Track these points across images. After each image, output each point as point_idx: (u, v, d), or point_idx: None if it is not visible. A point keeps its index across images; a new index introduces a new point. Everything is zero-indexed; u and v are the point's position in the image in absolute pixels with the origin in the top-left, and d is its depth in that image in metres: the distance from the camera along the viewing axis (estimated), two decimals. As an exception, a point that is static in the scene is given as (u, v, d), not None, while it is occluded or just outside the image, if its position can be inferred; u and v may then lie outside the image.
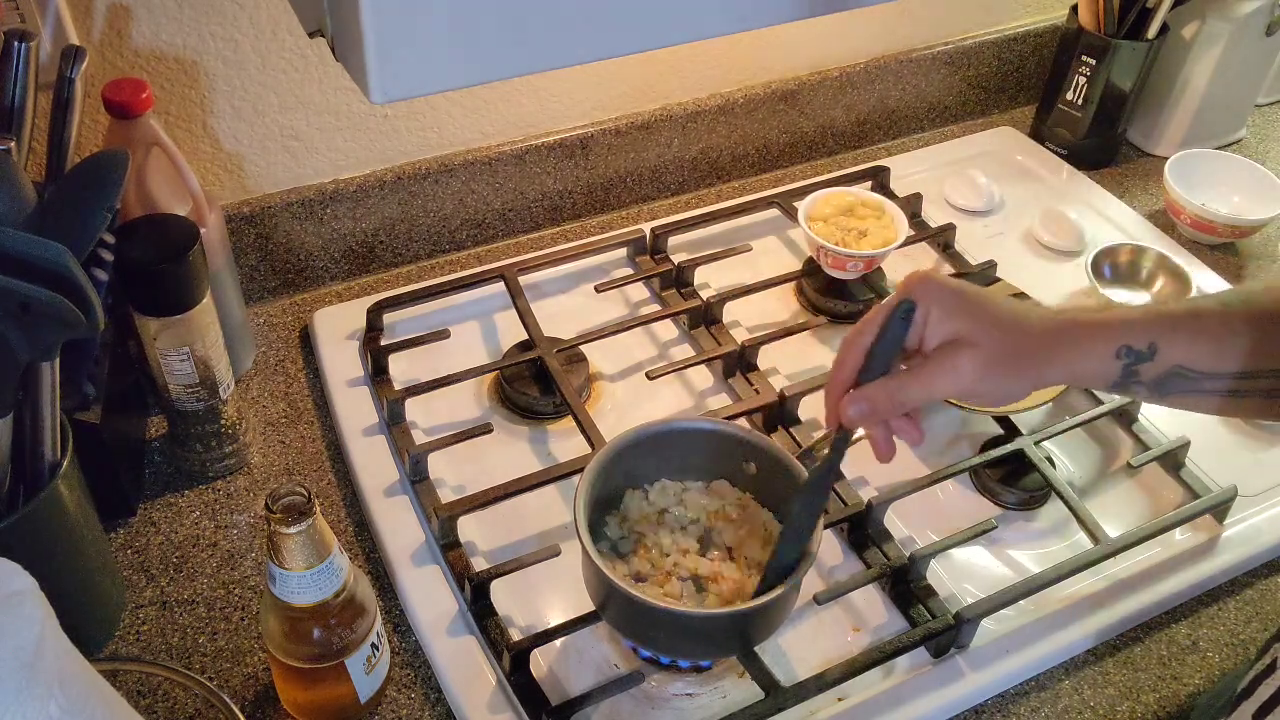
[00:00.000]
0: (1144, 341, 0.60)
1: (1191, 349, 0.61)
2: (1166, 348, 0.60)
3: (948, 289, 0.61)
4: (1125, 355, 0.61)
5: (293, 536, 0.60)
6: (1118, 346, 0.61)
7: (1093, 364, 0.61)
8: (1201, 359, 0.61)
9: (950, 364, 0.60)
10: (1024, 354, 0.61)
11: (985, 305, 0.61)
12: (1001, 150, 1.24)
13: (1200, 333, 0.61)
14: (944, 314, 0.61)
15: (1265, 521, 0.84)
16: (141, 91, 0.75)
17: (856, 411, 0.62)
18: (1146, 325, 0.61)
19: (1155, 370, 0.61)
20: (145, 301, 0.75)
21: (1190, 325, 0.61)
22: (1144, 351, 0.60)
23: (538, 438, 0.89)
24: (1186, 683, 0.76)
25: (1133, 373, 0.61)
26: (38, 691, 0.44)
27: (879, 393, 0.61)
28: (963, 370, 0.60)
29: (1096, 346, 0.61)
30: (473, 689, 0.71)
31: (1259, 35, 1.19)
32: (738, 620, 0.67)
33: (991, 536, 0.81)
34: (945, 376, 0.60)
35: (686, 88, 1.12)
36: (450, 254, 1.08)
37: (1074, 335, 0.62)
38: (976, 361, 0.60)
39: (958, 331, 0.60)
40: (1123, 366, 0.61)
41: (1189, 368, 0.61)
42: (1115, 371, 0.61)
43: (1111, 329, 0.61)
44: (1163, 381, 0.61)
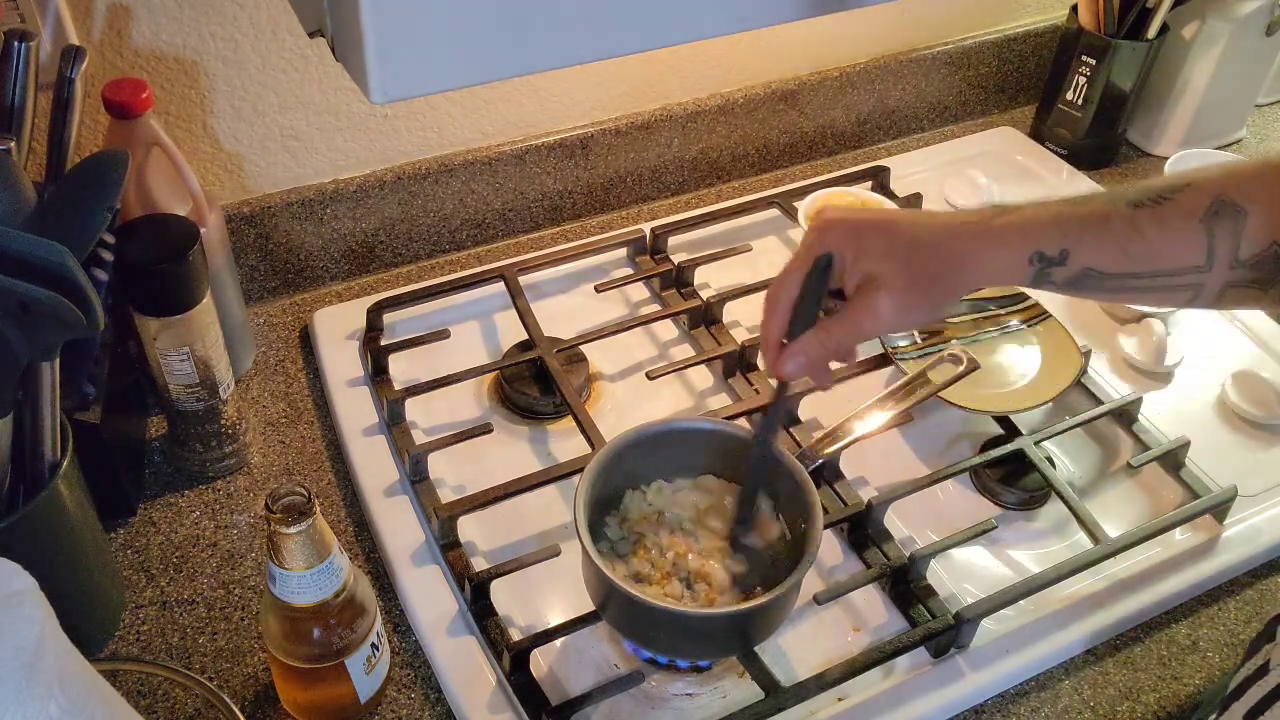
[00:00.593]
0: (1055, 248, 0.62)
1: (1100, 252, 0.62)
2: (1076, 252, 0.62)
3: (856, 229, 0.64)
4: (1037, 261, 0.62)
5: (293, 536, 0.60)
6: (1030, 252, 0.62)
7: (1005, 269, 0.63)
8: (1110, 261, 0.62)
9: (868, 307, 0.63)
10: (937, 275, 0.63)
11: (892, 236, 0.63)
12: (1001, 150, 1.24)
13: (1109, 236, 0.62)
14: (856, 256, 0.63)
15: (1265, 521, 0.84)
16: (141, 91, 0.75)
17: (794, 366, 0.65)
18: (1057, 230, 0.62)
19: (1066, 273, 0.62)
20: (145, 301, 0.75)
21: (1100, 229, 0.62)
22: (1054, 257, 0.62)
23: (538, 438, 0.89)
24: (1186, 683, 0.76)
25: (1045, 274, 0.63)
26: (38, 691, 0.44)
27: (810, 344, 0.65)
28: (881, 310, 0.63)
29: (1008, 252, 0.63)
30: (473, 689, 0.71)
31: (1259, 35, 1.19)
32: (738, 620, 0.67)
33: (991, 536, 0.81)
34: (867, 318, 0.63)
35: (686, 88, 1.12)
36: (450, 254, 1.08)
37: (984, 244, 0.63)
38: (893, 297, 0.63)
39: (869, 269, 0.63)
40: (1035, 270, 0.63)
41: (1096, 269, 0.62)
42: (1028, 275, 0.63)
43: (1023, 234, 0.63)
44: (1074, 281, 0.63)
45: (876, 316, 0.63)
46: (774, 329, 0.66)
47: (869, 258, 0.63)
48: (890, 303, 0.63)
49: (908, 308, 0.63)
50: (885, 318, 0.63)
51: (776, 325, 0.66)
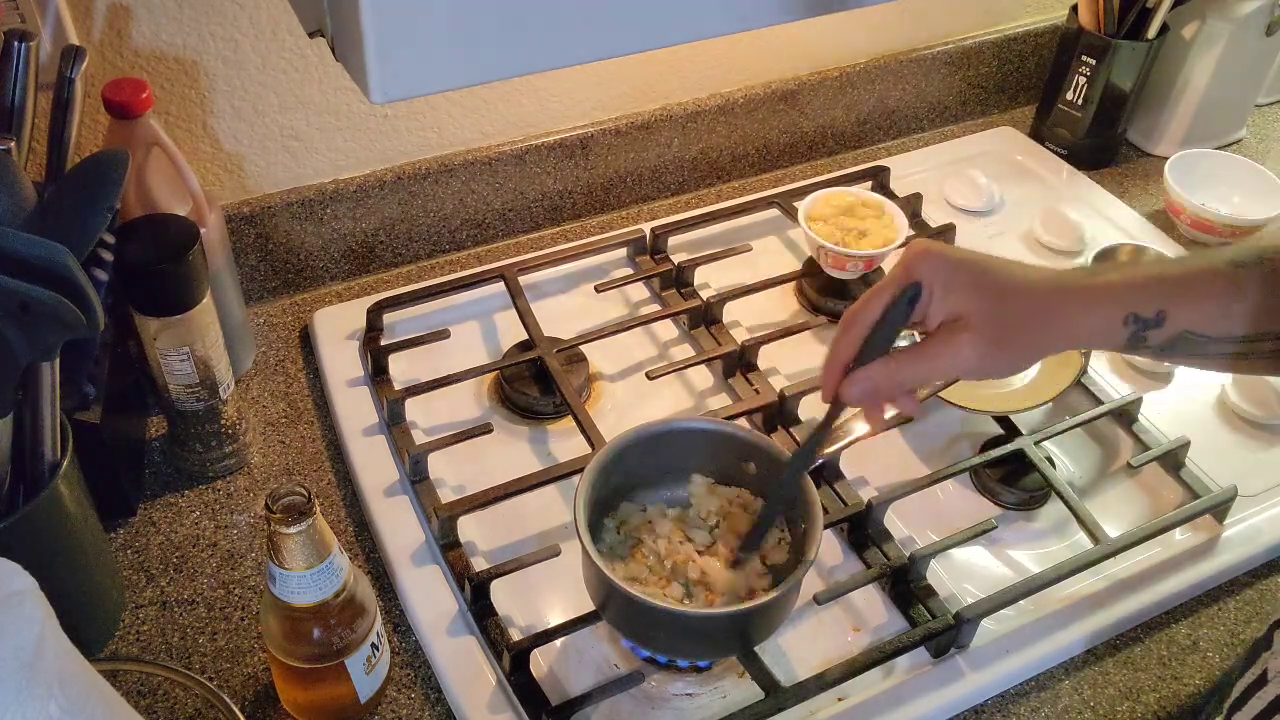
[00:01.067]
0: (1151, 309, 0.59)
1: (1200, 313, 0.59)
2: (1174, 313, 0.59)
3: (949, 263, 0.60)
4: (1132, 323, 0.59)
5: (293, 536, 0.60)
6: (1125, 314, 0.59)
7: (1098, 332, 0.60)
8: (1210, 323, 0.59)
9: (951, 346, 0.60)
10: (1025, 328, 0.60)
11: (986, 278, 0.60)
12: (1001, 150, 1.24)
13: (1209, 296, 0.59)
14: (945, 291, 0.60)
15: (1265, 521, 0.84)
16: (141, 91, 0.75)
17: (860, 391, 0.61)
18: (1154, 291, 0.59)
19: (1163, 335, 0.60)
20: (145, 301, 0.75)
21: (1199, 288, 0.59)
22: (1151, 319, 0.59)
23: (538, 438, 0.89)
24: (1186, 683, 0.76)
25: (1140, 338, 0.60)
26: (38, 691, 0.44)
27: (880, 373, 0.61)
28: (963, 352, 0.59)
29: (1102, 314, 0.60)
30: (473, 689, 0.71)
31: (1259, 35, 1.19)
32: (738, 620, 0.67)
33: (991, 536, 0.81)
34: (946, 359, 0.60)
35: (686, 88, 1.12)
36: (450, 254, 1.08)
37: (1078, 303, 0.60)
38: (977, 343, 0.59)
39: (958, 309, 0.60)
40: (1129, 334, 0.60)
41: (1197, 331, 0.59)
42: (1122, 339, 0.60)
43: (1117, 295, 0.60)
44: (1170, 345, 0.60)
45: (957, 357, 0.59)
46: (845, 350, 0.62)
47: (959, 295, 0.59)
48: (974, 346, 0.59)
49: (991, 355, 0.60)
50: (965, 360, 0.59)
51: (848, 346, 0.62)
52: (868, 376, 0.61)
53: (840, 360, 0.62)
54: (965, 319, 0.59)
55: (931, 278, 0.60)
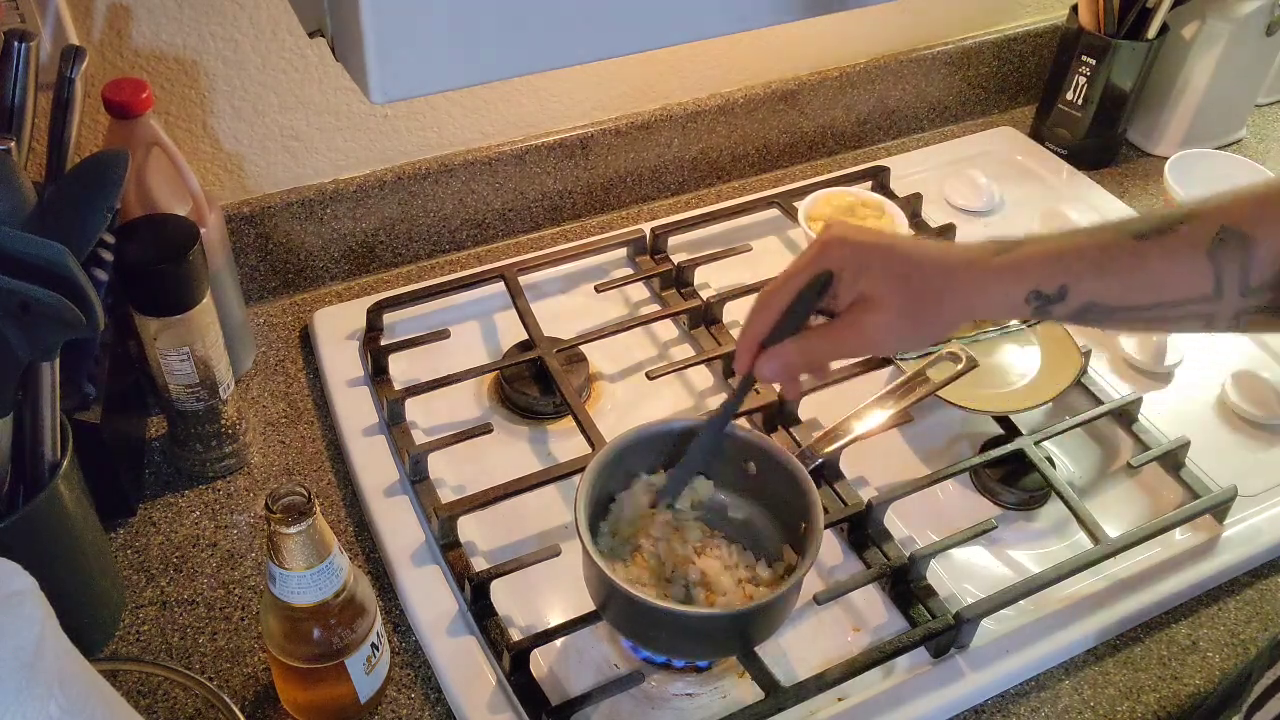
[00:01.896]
0: (1053, 285, 0.61)
1: (1102, 286, 0.61)
2: (1076, 287, 0.61)
3: (859, 248, 0.64)
4: (1035, 299, 0.61)
5: (293, 536, 0.60)
6: (1027, 291, 0.61)
7: (1001, 305, 0.63)
8: (1113, 294, 0.61)
9: (858, 325, 0.63)
10: (930, 304, 0.63)
11: (894, 258, 0.63)
12: (1001, 150, 1.24)
13: (1109, 271, 0.60)
14: (854, 275, 0.63)
15: (1265, 521, 0.84)
16: (141, 91, 0.75)
17: (771, 370, 0.65)
18: (1056, 267, 0.61)
19: (1067, 308, 0.62)
20: (145, 301, 0.75)
21: (1100, 263, 0.61)
22: (1052, 295, 0.61)
23: (538, 438, 0.89)
24: (1186, 683, 0.76)
25: (1045, 311, 0.62)
26: (38, 691, 0.44)
27: (791, 352, 0.65)
28: (868, 331, 0.63)
29: (1004, 289, 0.62)
30: (473, 689, 0.71)
31: (1259, 35, 1.19)
32: (738, 620, 0.67)
33: (991, 536, 0.81)
34: (852, 337, 0.64)
35: (686, 88, 1.12)
36: (450, 254, 1.08)
37: (980, 279, 0.63)
38: (882, 322, 0.63)
39: (864, 289, 0.63)
40: (1033, 308, 0.62)
41: (1100, 302, 0.61)
42: (1026, 311, 0.62)
43: (1019, 272, 0.62)
44: (1076, 315, 0.62)
45: (862, 335, 0.64)
46: (757, 329, 0.66)
47: (867, 278, 0.63)
48: (878, 325, 0.63)
49: (895, 333, 0.63)
50: (871, 338, 0.64)
51: (760, 326, 0.66)
52: (779, 354, 0.65)
53: (754, 337, 0.66)
54: (872, 299, 0.63)
55: (842, 264, 0.63)
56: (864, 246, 0.64)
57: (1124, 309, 0.61)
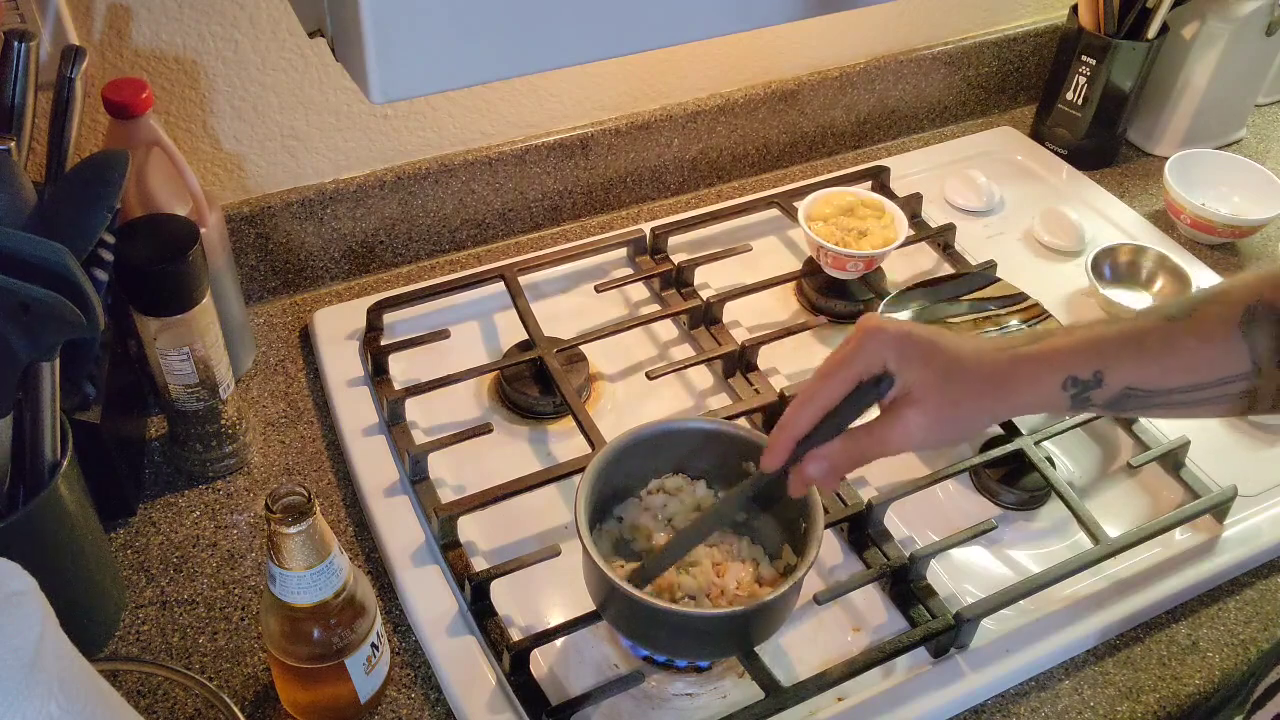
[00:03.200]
0: (1088, 371, 0.61)
1: (1138, 370, 0.61)
2: (1112, 373, 0.60)
3: (900, 340, 0.61)
4: (1072, 386, 0.61)
5: (293, 536, 0.60)
6: (1063, 378, 0.61)
7: (1041, 398, 0.62)
8: (1149, 378, 0.61)
9: (900, 424, 0.61)
10: (971, 398, 0.61)
11: (934, 352, 0.61)
12: (1001, 150, 1.24)
13: (1145, 354, 0.61)
14: (897, 367, 0.61)
15: (1265, 521, 0.84)
16: (141, 91, 0.75)
17: (817, 470, 0.63)
18: (1088, 353, 0.61)
19: (1105, 395, 0.61)
20: (145, 301, 0.75)
21: (1133, 347, 0.61)
22: (1089, 380, 0.61)
23: (538, 438, 0.89)
24: (1186, 683, 0.76)
25: (1084, 399, 0.61)
26: (38, 691, 0.44)
27: (838, 453, 0.62)
28: (912, 429, 0.61)
29: (1042, 381, 0.61)
30: (473, 689, 0.71)
31: (1259, 35, 1.19)
32: (738, 620, 0.67)
33: (991, 536, 0.81)
34: (896, 437, 0.61)
35: (686, 88, 1.12)
36: (450, 254, 1.08)
37: (1019, 373, 0.62)
38: (925, 418, 0.61)
39: (906, 386, 0.61)
40: (1071, 396, 0.61)
41: (1138, 388, 0.61)
42: (1065, 401, 0.62)
43: (1054, 361, 0.61)
44: (1115, 402, 0.62)
45: (907, 434, 0.61)
46: (799, 426, 0.63)
47: (908, 372, 0.61)
48: (922, 422, 0.61)
49: (938, 429, 0.61)
50: (915, 437, 0.61)
51: (803, 424, 0.63)
52: (826, 456, 0.63)
53: (793, 434, 0.63)
54: (914, 397, 0.61)
55: (884, 355, 0.61)
56: (905, 337, 0.62)
57: (1163, 392, 0.61)
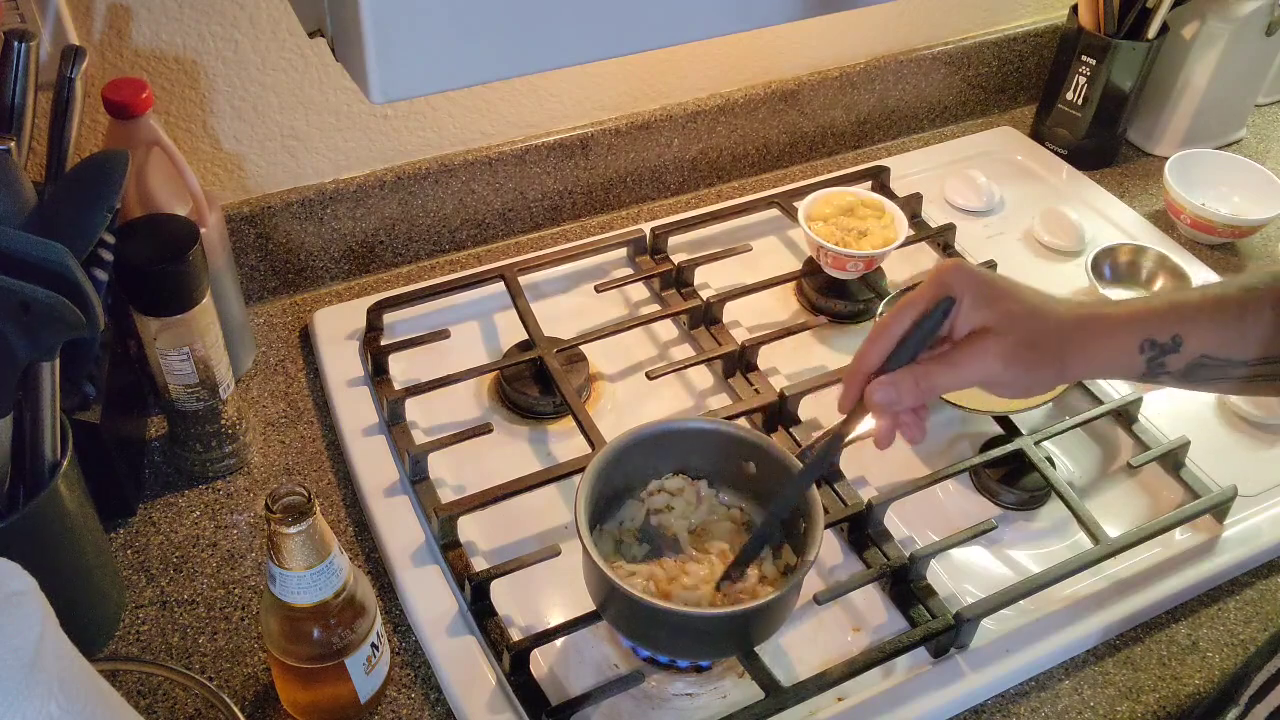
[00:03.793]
0: (1167, 334, 0.60)
1: (1215, 337, 0.60)
2: (1190, 338, 0.60)
3: (979, 279, 0.61)
4: (1149, 349, 0.60)
5: (293, 536, 0.60)
6: (1141, 340, 0.60)
7: (1116, 357, 0.61)
8: (1227, 345, 0.60)
9: (978, 353, 0.60)
10: (1048, 345, 0.61)
11: (1013, 296, 0.61)
12: (1001, 150, 1.24)
13: (1223, 320, 0.60)
14: (974, 303, 0.60)
15: (1265, 521, 0.84)
16: (141, 91, 0.75)
17: (883, 396, 0.61)
18: (1168, 316, 0.60)
19: (1181, 361, 0.61)
20: (145, 301, 0.75)
21: (1212, 313, 0.60)
22: (1168, 344, 0.60)
23: (538, 438, 0.89)
24: (1186, 683, 0.76)
25: (1159, 364, 0.61)
26: (38, 691, 0.44)
27: (906, 379, 0.61)
28: (989, 359, 0.60)
29: (1119, 340, 0.61)
30: (473, 689, 0.71)
31: (1259, 35, 1.19)
32: (738, 620, 0.67)
33: (991, 536, 0.81)
34: (973, 365, 0.60)
35: (686, 88, 1.12)
36: (450, 254, 1.08)
37: (1096, 328, 0.61)
38: (1003, 351, 0.60)
39: (985, 320, 0.60)
40: (1147, 359, 0.61)
41: (1214, 355, 0.60)
42: (1140, 364, 0.61)
43: (1133, 322, 0.61)
44: (1189, 370, 0.61)
45: (984, 364, 0.60)
46: (871, 358, 0.62)
47: (988, 309, 0.60)
48: (1000, 354, 0.59)
49: (1013, 369, 0.60)
50: (991, 368, 0.60)
51: (876, 355, 0.62)
52: (894, 381, 0.61)
53: (865, 369, 0.62)
54: (993, 330, 0.60)
55: (962, 290, 0.60)
56: (987, 277, 0.61)
57: (1237, 363, 0.60)
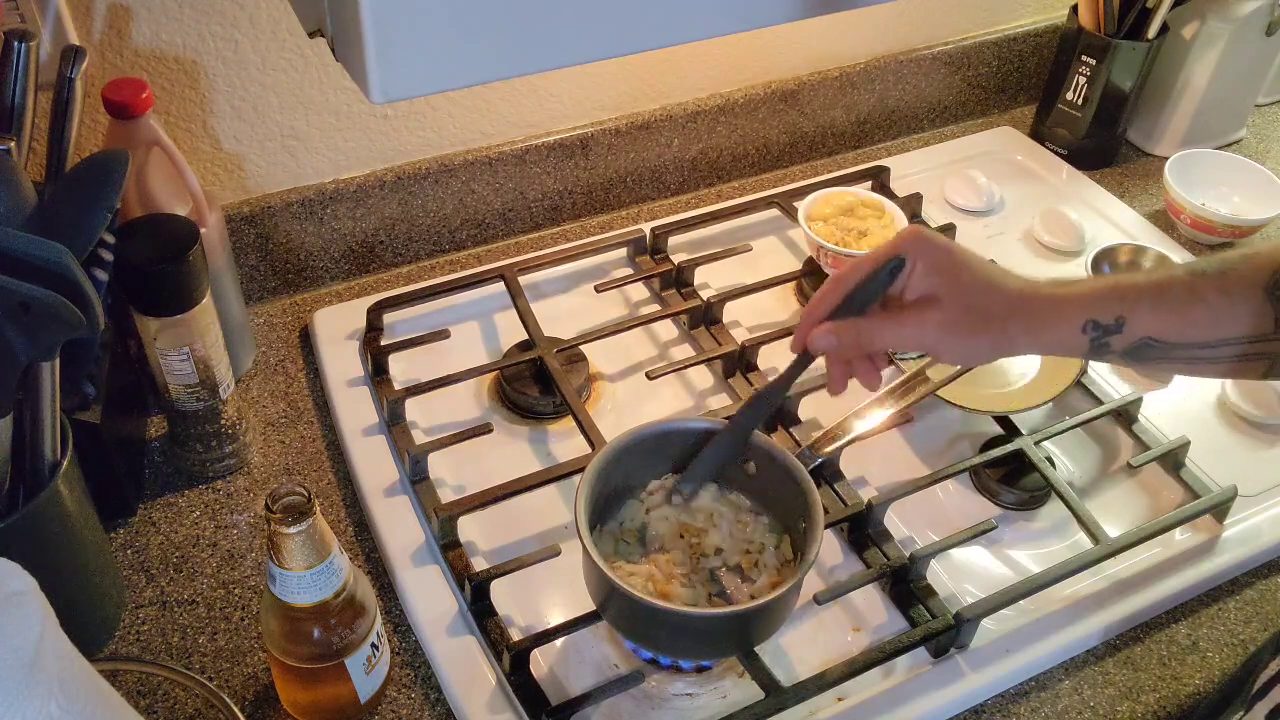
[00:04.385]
0: (1110, 315, 0.61)
1: (1158, 320, 0.61)
2: (1133, 320, 0.61)
3: (936, 246, 0.64)
4: (1092, 329, 0.62)
5: (293, 536, 0.60)
6: (1084, 320, 0.62)
7: (1059, 336, 0.63)
8: (1170, 329, 0.61)
9: (918, 318, 0.63)
10: (990, 320, 0.63)
11: (965, 267, 0.63)
12: (1001, 150, 1.24)
13: (1166, 304, 0.61)
14: (926, 269, 0.63)
15: (1265, 521, 0.84)
16: (141, 91, 0.75)
17: (824, 343, 0.65)
18: (1112, 298, 0.62)
19: (1124, 341, 0.62)
20: (145, 301, 0.75)
21: (1156, 297, 0.61)
22: (1110, 325, 0.61)
23: (538, 438, 0.89)
24: (1186, 683, 0.76)
25: (1102, 344, 0.62)
26: (38, 691, 0.44)
27: (848, 330, 0.64)
28: (928, 327, 0.63)
29: (1063, 319, 0.62)
30: (473, 689, 0.71)
31: (1259, 35, 1.19)
32: (738, 620, 0.67)
33: (991, 536, 0.81)
34: (911, 328, 0.63)
35: (686, 88, 1.12)
36: (450, 254, 1.08)
37: (1041, 307, 0.63)
38: (944, 321, 0.63)
39: (934, 288, 0.63)
40: (1090, 339, 0.62)
41: (1157, 338, 0.61)
42: (1084, 343, 0.62)
43: (1077, 303, 0.62)
44: (1133, 351, 0.62)
45: (923, 329, 0.63)
46: (821, 307, 0.65)
47: (938, 277, 0.63)
48: (940, 324, 0.63)
49: (953, 337, 0.63)
50: (929, 335, 0.63)
51: (825, 304, 0.65)
52: (835, 329, 0.65)
53: (815, 315, 0.66)
54: (938, 299, 0.63)
55: (917, 255, 0.63)
56: (942, 248, 0.64)
57: (1182, 345, 0.61)
